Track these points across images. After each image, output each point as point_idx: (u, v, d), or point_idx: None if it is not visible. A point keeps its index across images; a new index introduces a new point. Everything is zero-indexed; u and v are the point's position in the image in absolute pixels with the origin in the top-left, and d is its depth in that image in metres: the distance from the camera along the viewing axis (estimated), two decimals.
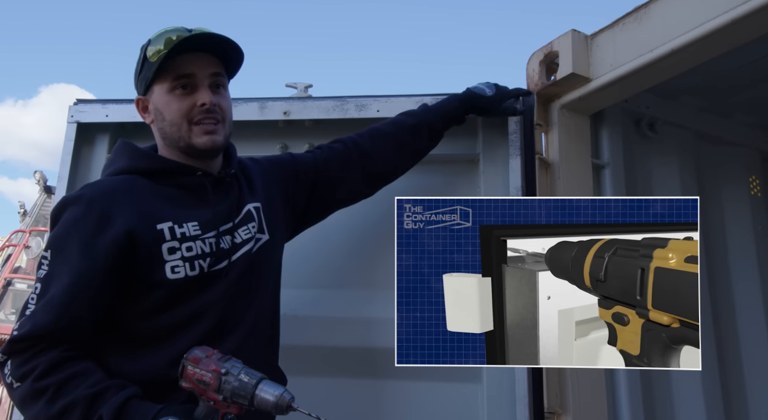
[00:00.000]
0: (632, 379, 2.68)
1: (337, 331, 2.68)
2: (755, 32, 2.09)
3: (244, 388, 1.69)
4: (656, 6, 2.28)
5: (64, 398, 1.74)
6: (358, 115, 2.75)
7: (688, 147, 3.20)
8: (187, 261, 1.93)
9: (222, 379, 1.69)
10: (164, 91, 2.02)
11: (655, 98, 3.01)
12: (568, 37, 2.52)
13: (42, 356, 1.78)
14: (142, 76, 2.05)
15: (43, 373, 1.76)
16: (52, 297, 1.82)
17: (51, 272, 1.86)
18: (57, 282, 1.84)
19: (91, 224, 1.88)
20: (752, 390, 3.14)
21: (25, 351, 1.79)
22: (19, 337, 1.80)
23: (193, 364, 1.73)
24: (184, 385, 1.74)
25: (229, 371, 1.70)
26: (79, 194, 1.95)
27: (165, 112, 2.02)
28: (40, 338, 1.79)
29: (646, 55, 2.29)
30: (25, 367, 1.78)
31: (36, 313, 1.81)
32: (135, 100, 2.11)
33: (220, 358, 1.73)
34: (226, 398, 1.70)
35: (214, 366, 1.71)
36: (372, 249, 2.77)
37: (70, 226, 1.89)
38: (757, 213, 3.36)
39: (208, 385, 1.70)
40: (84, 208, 1.90)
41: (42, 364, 1.77)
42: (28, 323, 1.81)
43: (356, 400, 2.50)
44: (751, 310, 3.20)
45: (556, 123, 2.66)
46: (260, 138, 2.89)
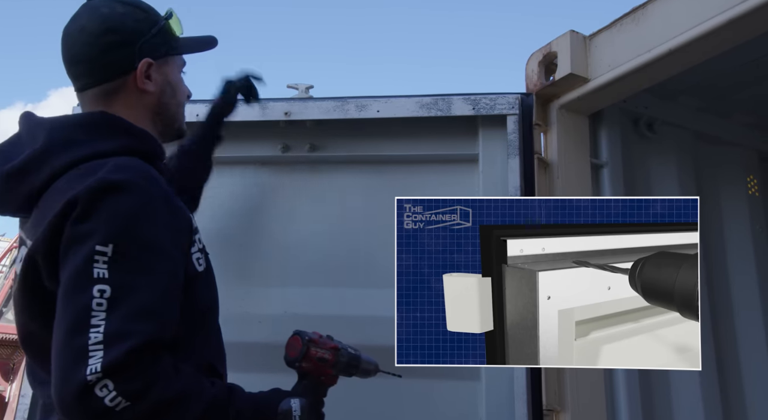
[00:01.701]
0: (630, 377, 2.67)
1: (337, 330, 2.66)
2: (752, 32, 2.09)
3: (355, 359, 1.91)
4: (653, 7, 2.28)
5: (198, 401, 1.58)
6: (358, 115, 2.74)
7: (686, 147, 3.19)
8: (202, 253, 1.81)
9: (339, 355, 1.87)
10: (177, 70, 1.95)
11: (653, 98, 3.01)
12: (566, 37, 2.52)
13: (159, 365, 1.54)
14: (159, 41, 1.87)
15: (169, 382, 1.55)
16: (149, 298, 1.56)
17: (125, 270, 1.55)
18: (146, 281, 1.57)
19: (163, 215, 1.63)
20: (750, 388, 3.13)
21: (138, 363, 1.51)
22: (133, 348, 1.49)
23: (315, 345, 1.85)
24: (304, 365, 1.84)
25: (342, 347, 1.89)
26: (124, 179, 1.60)
27: (178, 90, 1.94)
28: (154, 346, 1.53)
29: (644, 55, 2.29)
30: (141, 380, 1.50)
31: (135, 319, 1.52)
32: (146, 63, 1.84)
33: (326, 336, 1.91)
34: (339, 371, 1.88)
35: (331, 344, 1.88)
36: (369, 250, 2.76)
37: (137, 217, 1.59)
38: (755, 213, 3.34)
39: (326, 362, 1.85)
40: (144, 196, 1.61)
41: (163, 374, 1.54)
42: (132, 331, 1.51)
43: (356, 398, 2.49)
44: (749, 310, 3.19)
45: (554, 123, 2.66)
46: (261, 138, 2.89)
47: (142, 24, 1.85)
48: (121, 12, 1.83)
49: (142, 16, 1.86)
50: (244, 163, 2.92)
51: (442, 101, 2.70)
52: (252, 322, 2.65)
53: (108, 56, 1.81)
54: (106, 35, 1.80)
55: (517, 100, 2.66)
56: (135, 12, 1.86)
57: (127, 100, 1.84)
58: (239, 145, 2.89)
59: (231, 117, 2.66)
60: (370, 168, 2.83)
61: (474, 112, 2.69)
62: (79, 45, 1.82)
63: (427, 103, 2.70)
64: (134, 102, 1.85)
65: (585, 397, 2.47)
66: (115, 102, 1.83)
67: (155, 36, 1.85)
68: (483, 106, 2.67)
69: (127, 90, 1.84)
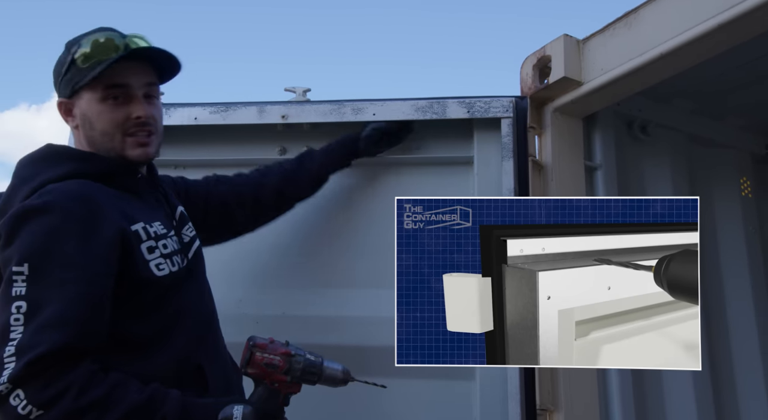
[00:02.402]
0: (624, 376, 2.68)
1: (335, 331, 2.69)
2: (744, 35, 2.09)
3: (314, 365, 1.88)
4: (645, 11, 2.28)
5: (115, 410, 1.63)
6: (354, 118, 2.74)
7: (680, 149, 3.20)
8: (167, 258, 1.89)
9: (292, 361, 1.85)
10: (95, 100, 1.91)
11: (647, 101, 3.01)
12: (560, 41, 2.52)
13: (72, 373, 1.61)
14: (68, 79, 1.92)
15: (83, 388, 1.61)
16: (61, 309, 1.64)
17: (39, 285, 1.66)
18: (57, 294, 1.66)
19: (77, 229, 1.73)
20: (742, 387, 3.13)
21: (46, 371, 1.59)
22: (35, 359, 1.58)
23: (261, 350, 1.84)
24: (250, 371, 1.84)
25: (297, 353, 1.87)
26: (43, 202, 1.75)
27: (96, 121, 1.92)
28: (62, 355, 1.61)
29: (636, 59, 2.29)
30: (53, 388, 1.59)
31: (44, 329, 1.61)
32: (57, 103, 1.96)
33: (281, 342, 1.88)
34: (294, 378, 1.87)
35: (282, 349, 1.86)
36: (365, 252, 2.77)
37: (50, 236, 1.71)
38: (748, 214, 3.35)
39: (276, 368, 1.83)
40: (59, 214, 1.73)
41: (78, 380, 1.61)
42: (39, 342, 1.60)
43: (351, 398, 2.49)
44: (742, 310, 3.20)
45: (549, 126, 2.66)
46: (259, 141, 2.89)
47: (60, 65, 1.96)
48: (58, 57, 1.98)
49: (61, 57, 1.96)
50: (242, 166, 2.88)
51: (437, 104, 2.70)
52: (249, 323, 2.65)
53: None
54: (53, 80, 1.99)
55: (511, 103, 2.67)
56: (61, 54, 1.96)
57: (74, 135, 2.00)
58: (237, 148, 2.91)
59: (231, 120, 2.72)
60: (366, 170, 2.83)
61: (469, 115, 2.69)
62: None
63: (423, 106, 2.71)
64: (76, 137, 2.00)
65: (578, 397, 2.47)
66: (76, 137, 2.01)
67: (66, 73, 1.93)
68: (478, 109, 2.67)
69: (70, 127, 2.01)
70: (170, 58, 1.99)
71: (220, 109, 2.80)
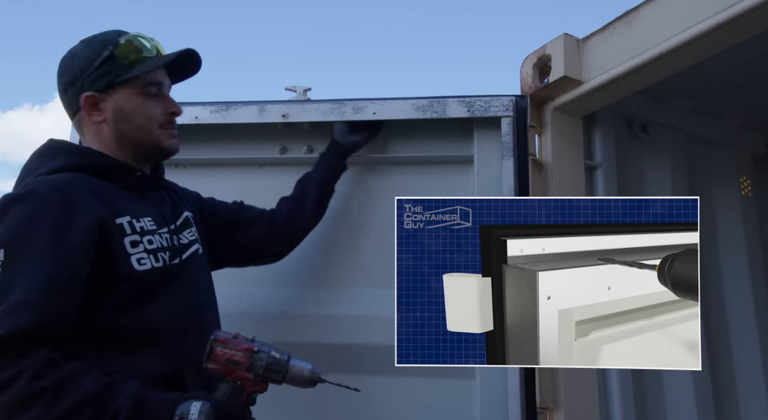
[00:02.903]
0: (624, 374, 2.68)
1: (335, 329, 2.69)
2: (744, 35, 2.08)
3: (278, 363, 1.77)
4: (645, 10, 2.27)
5: (67, 397, 1.62)
6: (354, 117, 2.72)
7: (679, 148, 3.19)
8: (151, 253, 1.91)
9: (254, 357, 1.75)
10: (134, 95, 2.02)
11: (646, 100, 3.00)
12: (560, 41, 2.51)
13: (28, 358, 1.62)
14: (101, 74, 1.99)
15: (37, 374, 1.61)
16: (28, 294, 1.66)
17: (11, 270, 1.69)
18: (27, 279, 1.68)
19: (55, 216, 1.76)
20: (742, 386, 3.13)
21: (4, 355, 1.62)
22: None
23: (222, 345, 1.75)
24: (210, 366, 1.75)
25: (261, 349, 1.77)
26: (26, 191, 1.81)
27: (135, 115, 2.02)
28: (23, 339, 1.63)
29: (636, 58, 2.28)
30: (9, 371, 1.61)
31: (8, 313, 1.64)
32: (85, 97, 2.00)
33: (247, 338, 1.79)
34: (257, 375, 1.76)
35: (245, 345, 1.76)
36: (366, 251, 2.77)
37: (27, 222, 1.75)
38: (747, 213, 3.35)
39: (238, 364, 1.74)
40: (39, 202, 1.78)
41: (33, 366, 1.62)
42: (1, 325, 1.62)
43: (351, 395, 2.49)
44: (742, 309, 3.20)
45: (549, 125, 2.65)
46: (259, 140, 2.88)
47: (86, 60, 2.00)
48: (73, 53, 2.04)
49: (88, 53, 2.01)
50: (242, 165, 2.92)
51: (437, 103, 2.69)
52: (250, 321, 2.64)
53: (65, 96, 2.05)
54: (61, 77, 2.04)
55: (511, 102, 2.65)
56: (84, 50, 2.02)
57: (90, 130, 2.05)
58: (238, 147, 2.90)
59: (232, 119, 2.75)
60: (366, 169, 2.83)
61: (469, 114, 2.68)
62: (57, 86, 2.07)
63: (423, 105, 2.69)
64: (96, 131, 2.04)
65: (578, 396, 2.46)
66: (85, 133, 2.08)
67: (98, 68, 1.99)
68: (478, 108, 2.66)
69: (87, 122, 2.05)
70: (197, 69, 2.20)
71: (220, 108, 2.80)
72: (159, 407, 1.70)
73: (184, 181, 2.43)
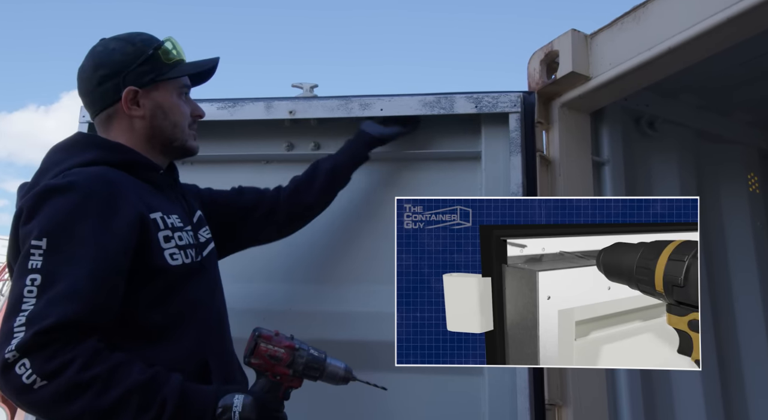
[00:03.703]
0: (632, 371, 2.66)
1: (340, 326, 2.68)
2: (752, 30, 2.06)
3: (317, 361, 1.84)
4: (654, 5, 2.25)
5: (117, 387, 1.63)
6: (362, 113, 2.72)
7: (687, 145, 3.17)
8: (182, 249, 1.93)
9: (296, 355, 1.81)
10: (172, 93, 2.09)
11: (654, 96, 2.98)
12: (568, 36, 2.49)
13: (78, 347, 1.62)
14: (146, 69, 2.04)
15: (87, 363, 1.61)
16: (74, 283, 1.66)
17: (56, 260, 1.69)
18: (73, 269, 1.68)
19: (98, 208, 1.77)
20: (751, 383, 3.11)
21: (54, 343, 1.61)
22: (44, 329, 1.60)
23: (265, 341, 1.81)
24: (253, 361, 1.81)
25: (301, 347, 1.83)
26: (67, 182, 1.80)
27: (172, 112, 2.08)
28: (71, 328, 1.63)
29: (644, 53, 2.27)
30: (58, 360, 1.60)
31: (56, 302, 1.63)
32: (128, 90, 2.01)
33: (287, 335, 1.85)
34: (296, 372, 1.82)
35: (287, 342, 1.82)
36: (372, 247, 2.76)
37: (71, 212, 1.75)
38: (755, 209, 3.32)
39: (279, 361, 1.80)
40: (81, 193, 1.78)
41: (82, 355, 1.62)
42: (50, 313, 1.62)
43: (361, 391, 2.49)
44: (750, 306, 3.18)
45: (556, 121, 2.64)
46: (266, 137, 2.88)
47: (129, 56, 2.04)
48: (112, 48, 2.05)
49: (130, 49, 2.04)
50: (250, 161, 2.92)
51: (445, 99, 2.68)
52: (257, 318, 2.63)
53: (100, 88, 2.04)
54: (97, 70, 2.04)
55: (519, 98, 2.64)
56: (125, 46, 2.05)
57: (121, 124, 2.06)
58: (245, 144, 2.91)
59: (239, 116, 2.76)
60: (374, 165, 2.81)
61: (477, 110, 2.66)
62: (80, 81, 2.08)
63: (431, 101, 2.68)
64: (127, 126, 2.06)
65: (587, 392, 2.45)
66: (113, 127, 2.06)
67: (142, 65, 2.04)
68: (485, 104, 2.65)
69: (120, 116, 2.05)
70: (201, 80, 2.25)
71: (227, 104, 2.80)
72: (203, 399, 1.73)
73: (191, 178, 2.43)
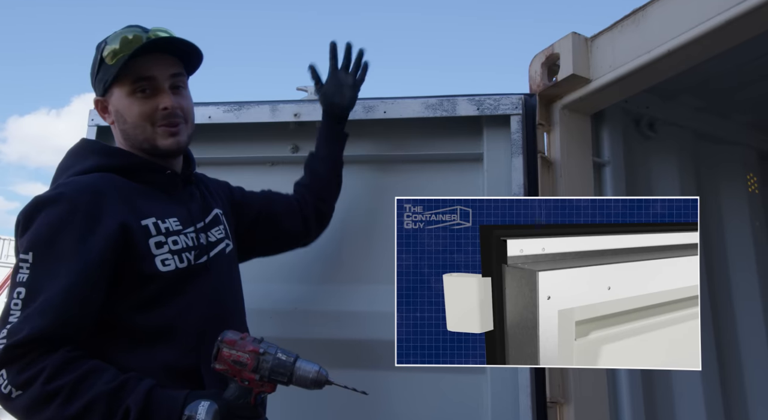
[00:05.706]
0: (633, 370, 2.64)
1: (345, 325, 2.66)
2: (750, 32, 2.04)
3: (283, 365, 1.74)
4: (653, 9, 2.24)
5: (81, 397, 1.62)
6: (365, 116, 2.70)
7: (687, 146, 3.16)
8: (176, 254, 1.89)
9: (260, 359, 1.73)
10: (124, 94, 1.95)
11: (654, 98, 2.97)
12: (568, 39, 2.48)
13: (47, 359, 1.63)
14: (100, 78, 1.97)
15: (53, 374, 1.62)
16: (49, 298, 1.68)
17: (38, 274, 1.71)
18: (51, 283, 1.69)
19: (80, 222, 1.76)
20: (750, 382, 3.12)
21: (25, 356, 1.63)
22: (17, 343, 1.63)
23: (228, 346, 1.73)
24: (217, 367, 1.73)
25: (267, 351, 1.74)
26: (57, 194, 1.80)
27: (126, 115, 1.95)
28: (42, 341, 1.64)
29: (644, 56, 2.25)
30: (28, 372, 1.62)
31: (31, 316, 1.66)
32: (94, 101, 2.02)
33: (254, 339, 1.76)
34: (263, 377, 1.73)
35: (251, 346, 1.73)
36: (372, 247, 2.73)
37: (55, 225, 1.75)
38: (754, 210, 3.32)
39: (244, 366, 1.72)
40: (67, 206, 1.77)
41: (50, 366, 1.63)
42: (24, 328, 1.64)
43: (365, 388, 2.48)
44: (750, 306, 3.18)
45: (557, 123, 2.62)
46: (272, 139, 2.86)
47: (93, 65, 2.02)
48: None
49: (95, 57, 2.01)
50: (255, 164, 2.91)
51: (447, 102, 2.66)
52: (263, 318, 2.61)
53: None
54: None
55: (520, 100, 2.62)
56: (95, 54, 2.01)
57: (113, 132, 2.05)
58: (251, 146, 2.89)
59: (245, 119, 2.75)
60: (377, 167, 2.80)
61: (478, 113, 2.64)
62: None
63: (433, 104, 2.66)
64: (115, 133, 2.04)
65: (588, 390, 2.43)
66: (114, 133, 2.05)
67: (99, 72, 1.99)
68: (487, 106, 2.63)
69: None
70: (191, 47, 2.00)
71: (233, 107, 2.79)
72: (168, 407, 1.69)
73: None
